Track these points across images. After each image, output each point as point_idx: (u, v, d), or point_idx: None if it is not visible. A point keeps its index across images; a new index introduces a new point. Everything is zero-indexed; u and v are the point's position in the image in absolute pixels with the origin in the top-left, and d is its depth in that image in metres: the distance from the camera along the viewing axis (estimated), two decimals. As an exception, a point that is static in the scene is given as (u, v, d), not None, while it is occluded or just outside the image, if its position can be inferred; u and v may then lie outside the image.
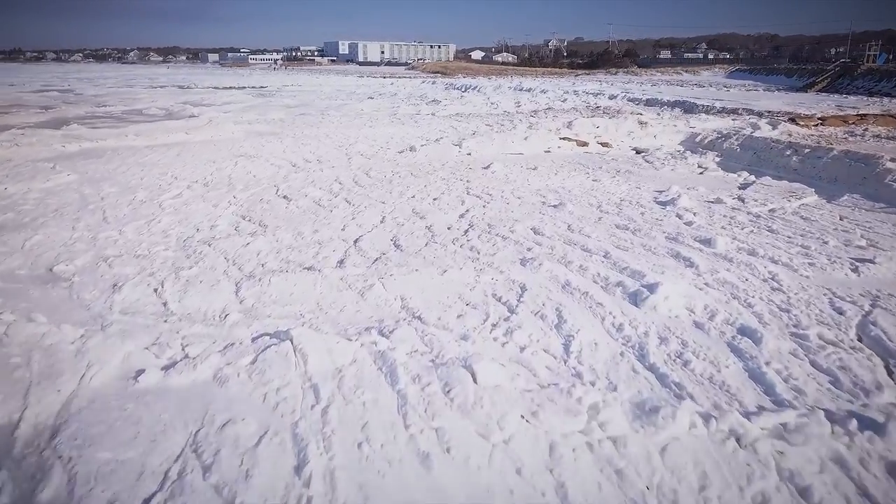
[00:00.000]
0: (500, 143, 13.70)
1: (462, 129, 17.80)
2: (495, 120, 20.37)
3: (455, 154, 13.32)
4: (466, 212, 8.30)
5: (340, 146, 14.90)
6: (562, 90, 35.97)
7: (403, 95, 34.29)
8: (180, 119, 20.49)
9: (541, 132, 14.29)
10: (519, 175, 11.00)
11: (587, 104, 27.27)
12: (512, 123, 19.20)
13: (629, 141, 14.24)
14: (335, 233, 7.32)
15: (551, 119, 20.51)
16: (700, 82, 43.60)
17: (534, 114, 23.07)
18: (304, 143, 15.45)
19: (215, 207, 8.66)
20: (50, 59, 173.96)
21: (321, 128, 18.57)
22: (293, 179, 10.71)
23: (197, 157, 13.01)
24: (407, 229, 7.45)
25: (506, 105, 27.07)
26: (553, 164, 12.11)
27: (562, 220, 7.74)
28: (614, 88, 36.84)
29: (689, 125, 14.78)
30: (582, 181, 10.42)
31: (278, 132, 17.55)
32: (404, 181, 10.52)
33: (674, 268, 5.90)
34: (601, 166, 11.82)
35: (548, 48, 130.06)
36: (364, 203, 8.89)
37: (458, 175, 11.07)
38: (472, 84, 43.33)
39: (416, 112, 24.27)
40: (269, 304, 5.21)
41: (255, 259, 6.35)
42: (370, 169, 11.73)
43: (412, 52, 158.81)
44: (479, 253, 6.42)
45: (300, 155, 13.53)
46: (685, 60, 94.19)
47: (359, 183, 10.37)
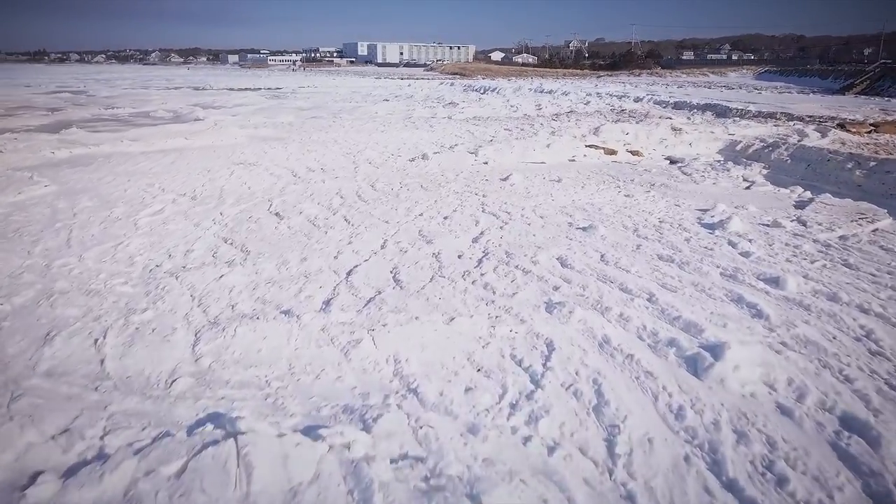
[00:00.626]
0: (521, 151, 12.56)
1: (479, 135, 16.68)
2: (515, 124, 19.22)
3: (471, 163, 12.21)
4: (481, 234, 7.18)
5: (348, 153, 13.87)
6: (584, 92, 34.69)
7: (420, 98, 33.25)
8: (185, 123, 19.64)
9: (564, 139, 13.13)
10: (541, 188, 9.85)
11: (611, 107, 26.00)
12: (533, 128, 18.05)
13: (662, 149, 13.01)
14: (326, 261, 6.25)
15: (574, 123, 19.33)
16: (728, 84, 41.98)
17: (556, 117, 21.89)
18: (309, 149, 14.45)
19: (196, 227, 7.64)
20: (73, 61, 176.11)
21: (330, 132, 17.57)
22: (290, 192, 9.68)
23: (192, 166, 12.05)
24: (410, 257, 6.36)
25: (526, 108, 25.90)
26: (579, 176, 10.94)
27: (593, 246, 6.58)
28: (639, 90, 35.46)
29: (727, 132, 13.50)
30: (613, 197, 9.25)
31: (284, 137, 16.59)
32: (413, 195, 9.43)
33: (738, 318, 4.72)
34: (633, 179, 10.62)
35: (568, 49, 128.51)
36: (365, 223, 7.81)
37: (474, 188, 9.96)
38: (491, 86, 42.18)
39: (432, 115, 23.20)
40: (229, 365, 4.15)
41: (226, 298, 5.29)
42: (377, 180, 10.67)
43: (431, 53, 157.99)
44: (495, 293, 5.30)
45: (303, 163, 12.52)
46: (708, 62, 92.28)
47: (362, 197, 9.30)
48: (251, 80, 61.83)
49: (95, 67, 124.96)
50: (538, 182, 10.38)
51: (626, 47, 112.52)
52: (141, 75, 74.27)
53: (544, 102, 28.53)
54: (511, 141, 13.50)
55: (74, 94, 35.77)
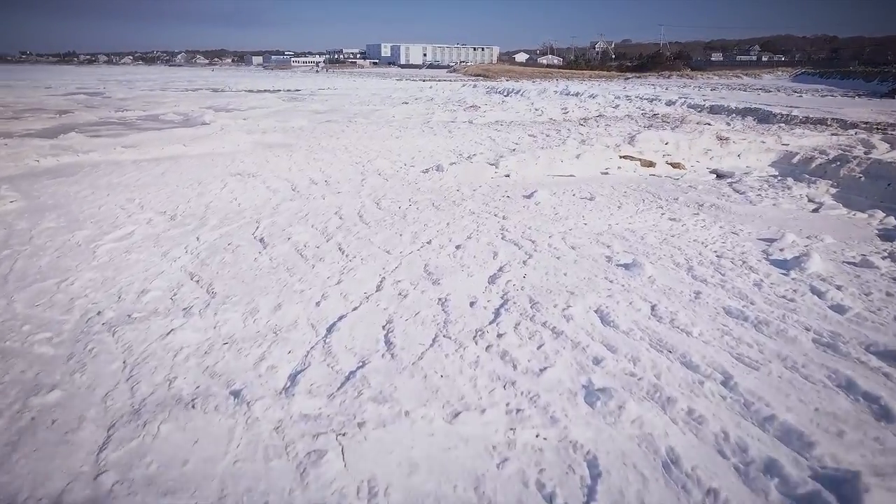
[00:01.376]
0: (547, 162, 11.25)
1: (501, 142, 15.39)
2: (540, 129, 17.88)
3: (490, 176, 10.93)
4: (500, 271, 5.90)
5: (357, 162, 12.69)
6: (612, 95, 33.13)
7: (440, 100, 32.03)
8: (191, 127, 18.66)
9: (596, 149, 11.77)
10: (571, 209, 8.53)
11: (642, 111, 24.50)
12: (559, 134, 16.70)
13: (706, 161, 11.57)
14: (305, 310, 5.02)
15: (604, 129, 17.94)
16: (765, 86, 40.04)
17: (583, 122, 20.50)
18: (316, 157, 13.29)
19: (163, 257, 6.47)
20: (102, 62, 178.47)
21: (342, 138, 16.42)
22: (284, 211, 8.50)
23: (183, 176, 10.96)
24: (411, 305, 5.10)
25: (551, 111, 24.52)
26: (614, 193, 9.58)
27: (640, 293, 5.26)
28: (670, 93, 33.81)
29: (780, 141, 12.01)
30: (656, 220, 7.89)
31: (291, 144, 15.47)
32: (423, 216, 8.18)
33: (856, 421, 3.38)
34: (677, 197, 9.23)
35: (594, 50, 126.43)
36: (362, 252, 6.58)
37: (493, 207, 8.68)
38: (514, 88, 40.80)
39: (452, 119, 21.96)
40: (139, 488, 2.93)
41: (167, 367, 4.08)
42: (384, 195, 9.45)
43: (455, 54, 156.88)
44: (516, 367, 4.01)
45: (307, 174, 11.36)
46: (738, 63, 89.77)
47: (364, 218, 8.08)
48: (272, 81, 61.24)
49: (121, 69, 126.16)
50: (567, 200, 9.06)
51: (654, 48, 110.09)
52: (164, 77, 74.28)
53: (571, 105, 27.13)
54: (536, 150, 12.17)
55: (90, 96, 35.25)
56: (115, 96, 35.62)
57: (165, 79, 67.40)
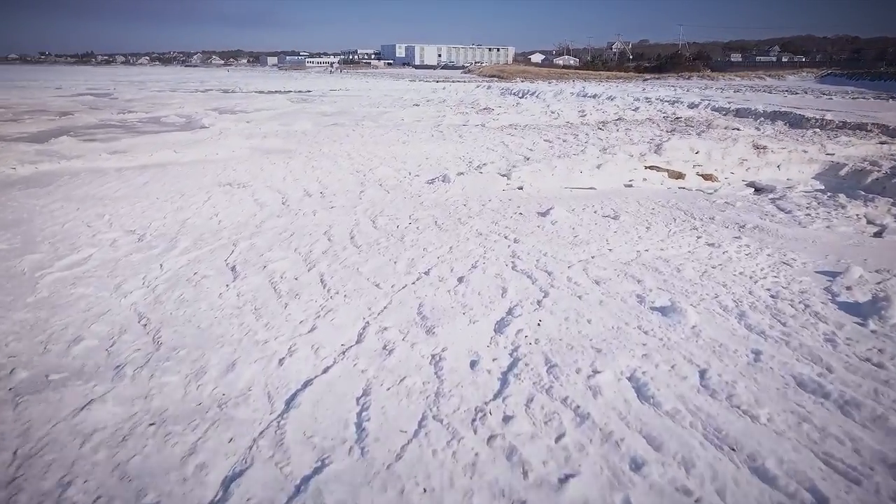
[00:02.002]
0: (564, 173, 10.19)
1: (515, 148, 14.35)
2: (556, 134, 16.81)
3: (502, 188, 9.90)
4: (509, 315, 4.87)
5: (358, 171, 11.72)
6: (631, 97, 31.91)
7: (453, 102, 31.02)
8: (188, 131, 17.80)
9: (619, 158, 10.68)
10: (593, 230, 7.47)
11: (664, 114, 23.32)
12: (577, 140, 15.62)
13: (742, 172, 10.44)
14: (264, 371, 4.02)
15: (624, 133, 16.83)
16: (790, 88, 38.54)
17: (602, 126, 19.39)
18: (315, 164, 12.34)
19: (114, 292, 5.51)
20: (119, 63, 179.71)
21: (345, 143, 15.47)
22: (267, 231, 7.53)
23: (166, 187, 10.05)
24: (395, 368, 4.09)
25: (568, 114, 23.42)
26: (640, 210, 8.50)
27: (683, 352, 4.20)
28: (692, 95, 32.54)
29: (824, 150, 10.83)
30: (692, 246, 6.81)
31: (291, 149, 14.54)
32: (423, 237, 7.17)
33: None
34: (713, 216, 8.12)
35: (611, 51, 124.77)
36: (347, 286, 5.58)
37: (503, 226, 7.64)
38: (530, 89, 39.68)
39: (464, 123, 20.94)
40: None
41: (65, 465, 3.09)
42: (382, 211, 8.46)
43: (470, 54, 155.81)
44: (527, 475, 2.98)
45: (301, 185, 10.41)
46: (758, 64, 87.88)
47: (355, 240, 7.08)
48: (285, 82, 60.63)
49: (137, 69, 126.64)
50: (588, 219, 7.99)
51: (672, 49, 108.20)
52: (177, 77, 74.02)
53: (588, 108, 26.01)
54: (552, 159, 11.11)
55: (97, 97, 34.70)
56: (123, 97, 35.04)
57: (178, 79, 67.05)
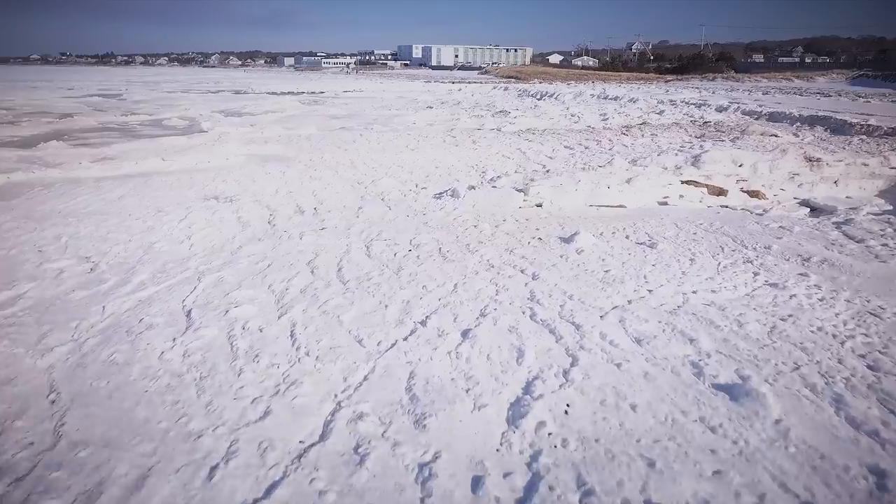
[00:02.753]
0: (589, 187, 8.99)
1: (533, 155, 13.16)
2: (577, 139, 15.58)
3: (518, 205, 8.72)
4: (527, 394, 3.70)
5: (360, 182, 10.62)
6: (655, 99, 30.50)
7: (468, 104, 29.85)
8: (185, 135, 16.82)
9: (651, 171, 9.44)
10: (627, 262, 6.26)
11: (691, 118, 21.98)
12: (600, 146, 14.39)
13: (793, 188, 9.15)
14: (178, 496, 2.90)
15: (650, 138, 15.56)
16: (822, 91, 36.80)
17: (626, 130, 18.12)
18: (314, 175, 11.27)
19: (32, 349, 4.42)
20: (139, 63, 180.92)
21: (350, 150, 14.38)
22: (242, 258, 6.43)
23: (144, 202, 9.01)
24: (366, 487, 2.94)
25: (589, 118, 22.16)
26: (681, 235, 7.26)
27: (771, 471, 3.00)
28: (718, 97, 31.04)
29: (888, 164, 9.50)
30: (749, 285, 5.57)
31: (292, 156, 13.49)
32: (423, 270, 6.03)
33: None
34: (768, 245, 6.85)
35: (631, 51, 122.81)
36: (321, 344, 4.44)
37: (519, 256, 6.47)
38: (548, 91, 38.37)
39: (478, 127, 19.77)
40: None
41: None
42: (379, 233, 7.33)
43: (487, 55, 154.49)
44: None
45: (295, 198, 9.34)
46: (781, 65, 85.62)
47: (343, 274, 5.95)
48: (299, 83, 59.88)
49: (156, 69, 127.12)
50: (620, 246, 6.78)
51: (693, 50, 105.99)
52: (193, 78, 73.67)
53: (610, 111, 24.70)
54: (575, 171, 9.89)
55: (106, 98, 34.05)
56: (132, 98, 34.36)
57: (193, 80, 66.66)
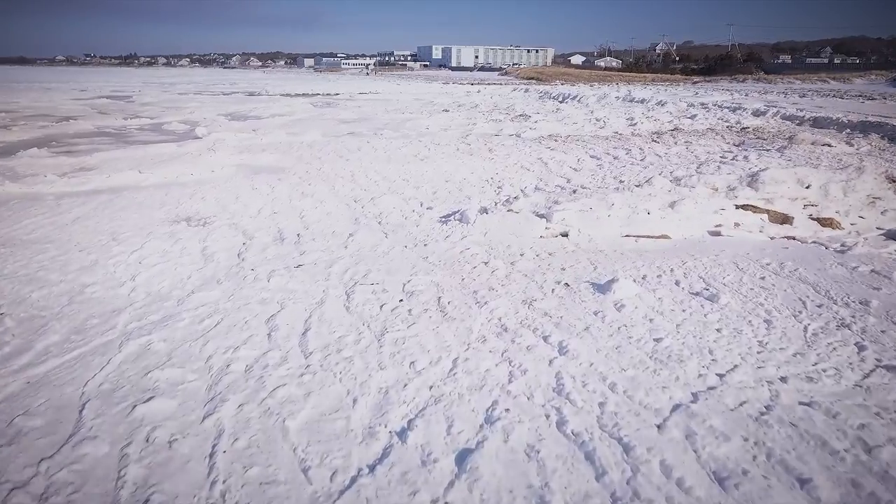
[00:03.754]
0: (625, 213, 7.47)
1: (555, 167, 11.69)
2: (604, 148, 14.05)
3: (538, 234, 7.24)
4: None
5: (357, 199, 9.25)
6: (684, 102, 28.73)
7: (486, 107, 28.35)
8: (179, 141, 15.58)
9: (699, 192, 7.89)
10: (683, 326, 4.74)
11: (726, 123, 20.26)
12: (630, 157, 12.87)
13: (874, 216, 7.54)
14: None
15: (684, 146, 13.98)
16: (863, 93, 34.68)
17: (657, 137, 16.54)
18: (306, 190, 9.92)
19: None
20: (161, 64, 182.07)
21: (353, 160, 13.02)
22: (185, 314, 5.04)
23: (100, 226, 7.70)
24: None
25: (615, 122, 20.55)
26: (745, 282, 5.71)
27: None
28: (752, 100, 29.17)
29: None
30: (857, 369, 4.04)
31: (287, 167, 12.15)
32: (414, 334, 4.58)
33: None
34: (865, 300, 5.25)
35: (655, 52, 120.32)
36: (248, 475, 3.02)
37: (541, 312, 4.99)
38: (570, 93, 36.71)
39: (496, 132, 18.30)
40: None
41: None
42: (367, 273, 5.92)
43: (508, 56, 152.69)
44: None
45: (278, 221, 7.99)
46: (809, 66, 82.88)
47: (308, 342, 4.52)
48: (315, 84, 58.88)
49: (176, 70, 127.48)
50: (671, 299, 5.26)
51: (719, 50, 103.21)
52: (210, 79, 73.15)
53: (637, 115, 23.03)
54: (608, 192, 8.38)
55: (113, 100, 33.17)
56: (141, 100, 33.43)
57: (210, 81, 66.07)
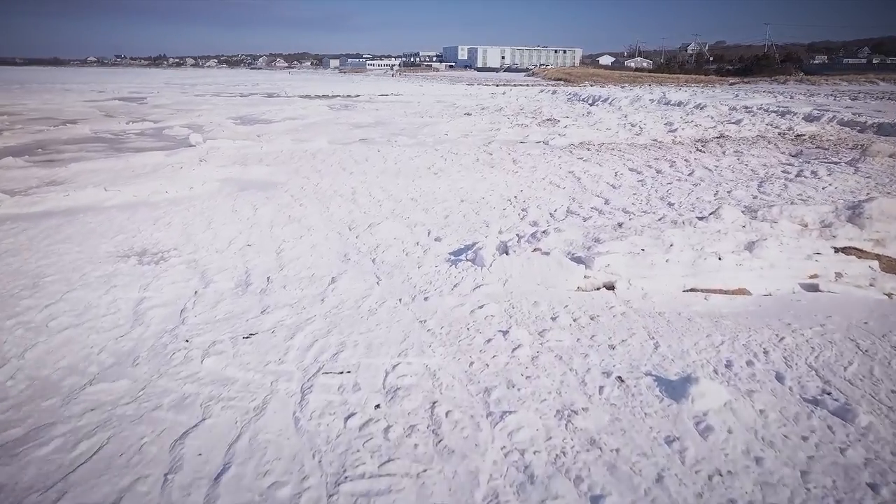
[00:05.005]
0: (687, 255, 5.72)
1: (589, 182, 9.98)
2: (644, 159, 12.26)
3: (575, 283, 5.53)
4: None
5: (353, 226, 7.67)
6: (725, 105, 26.59)
7: (511, 111, 26.60)
8: (170, 150, 14.17)
9: (782, 229, 6.11)
10: (803, 461, 3.01)
11: (777, 129, 18.25)
12: (675, 170, 11.11)
13: None
14: None
15: (735, 158, 12.14)
16: (921, 95, 32.08)
17: (702, 146, 14.69)
18: (294, 213, 8.37)
19: None
20: (189, 65, 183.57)
21: (358, 172, 11.45)
22: (63, 426, 3.46)
23: (27, 265, 6.21)
24: None
25: (653, 128, 18.67)
26: (874, 372, 3.94)
27: None
28: (800, 104, 26.89)
29: None
30: None
31: (280, 182, 10.63)
32: (391, 484, 2.92)
33: None
34: None
35: (686, 52, 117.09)
36: None
37: (585, 435, 3.29)
38: (601, 95, 34.73)
39: (521, 139, 16.59)
40: None
41: None
42: (336, 355, 4.28)
43: (535, 57, 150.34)
44: None
45: (248, 259, 6.43)
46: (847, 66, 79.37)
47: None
48: (337, 85, 57.66)
49: (203, 71, 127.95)
50: (778, 416, 3.49)
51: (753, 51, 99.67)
52: (233, 80, 72.56)
53: (676, 120, 21.09)
54: (663, 227, 6.60)
55: (126, 102, 32.21)
56: (154, 102, 32.39)
57: (232, 82, 65.40)
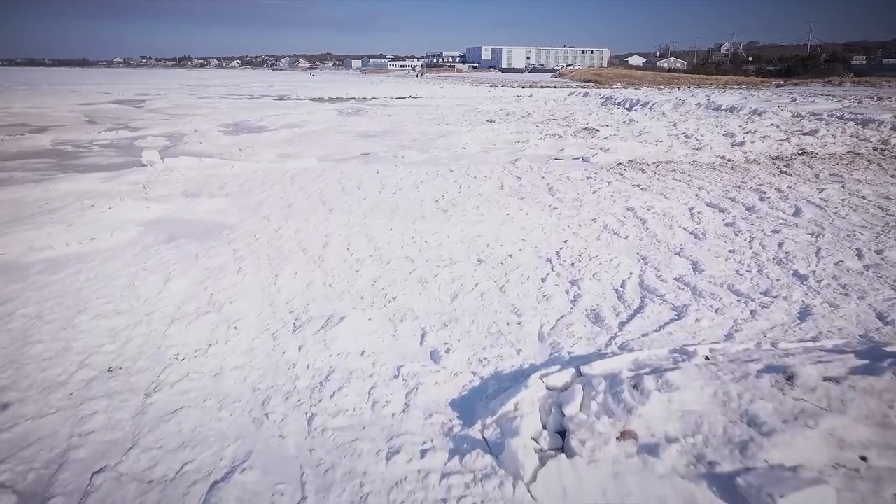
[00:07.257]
0: None
1: (659, 228, 6.93)
2: (721, 187, 9.12)
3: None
4: None
5: (308, 320, 4.78)
6: (786, 111, 23.11)
7: (540, 117, 23.44)
8: (112, 173, 11.40)
9: None
10: None
11: (867, 142, 14.92)
12: (771, 207, 8.04)
13: None
14: None
15: (839, 186, 8.98)
16: None
17: (785, 166, 11.53)
18: (221, 293, 5.47)
19: None
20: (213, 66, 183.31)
21: (341, 208, 8.54)
22: None
23: None
24: None
25: (712, 140, 15.45)
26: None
27: None
28: (874, 109, 23.27)
29: None
30: None
31: (231, 225, 7.75)
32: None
33: None
34: None
35: (721, 52, 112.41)
36: None
37: None
38: (638, 98, 31.35)
39: (556, 154, 13.54)
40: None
41: None
42: None
43: (561, 57, 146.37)
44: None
45: (82, 417, 3.49)
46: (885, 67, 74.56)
47: None
48: (354, 87, 54.95)
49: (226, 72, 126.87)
50: None
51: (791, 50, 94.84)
52: (248, 81, 70.51)
53: (735, 129, 17.77)
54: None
55: (121, 105, 29.91)
56: (150, 106, 29.99)
57: (247, 83, 63.28)
